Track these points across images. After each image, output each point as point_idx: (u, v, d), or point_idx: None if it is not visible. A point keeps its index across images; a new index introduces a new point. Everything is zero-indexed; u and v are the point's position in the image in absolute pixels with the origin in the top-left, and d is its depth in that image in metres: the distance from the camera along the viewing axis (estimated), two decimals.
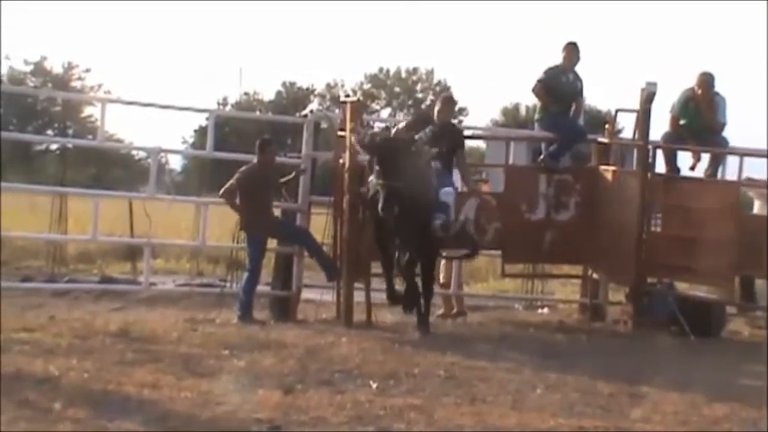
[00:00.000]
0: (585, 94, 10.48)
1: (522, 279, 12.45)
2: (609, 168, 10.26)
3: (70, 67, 46.23)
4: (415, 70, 51.73)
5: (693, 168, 10.31)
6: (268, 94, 48.95)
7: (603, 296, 10.67)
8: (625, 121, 11.83)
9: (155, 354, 7.11)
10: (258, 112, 42.15)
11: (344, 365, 7.03)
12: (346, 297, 9.38)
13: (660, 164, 10.13)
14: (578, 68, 10.32)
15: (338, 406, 5.77)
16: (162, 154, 13.81)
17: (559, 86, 10.16)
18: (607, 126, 10.88)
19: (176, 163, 40.72)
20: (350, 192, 9.24)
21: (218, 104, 43.43)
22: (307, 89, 50.07)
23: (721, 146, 10.19)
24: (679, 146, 10.24)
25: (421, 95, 51.07)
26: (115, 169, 39.61)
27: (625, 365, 7.56)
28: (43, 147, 40.05)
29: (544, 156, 10.25)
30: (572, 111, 10.29)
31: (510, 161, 10.52)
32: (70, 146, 24.78)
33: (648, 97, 9.75)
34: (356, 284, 9.45)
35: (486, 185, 11.50)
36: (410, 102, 50.15)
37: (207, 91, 55.90)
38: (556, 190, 10.16)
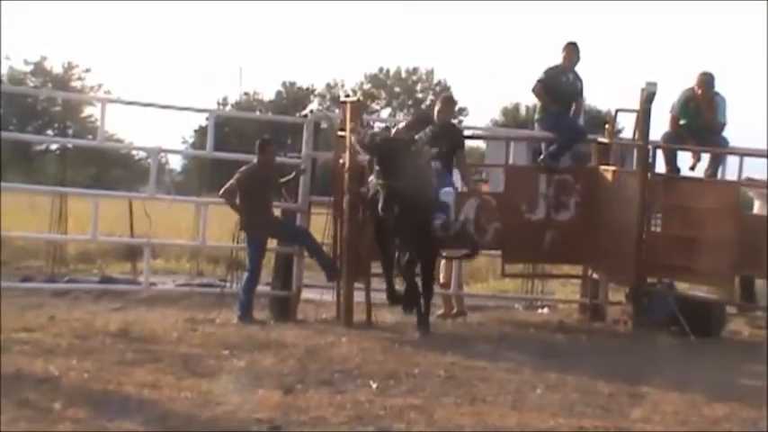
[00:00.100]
0: (585, 94, 10.50)
1: (522, 279, 12.45)
2: (609, 168, 10.26)
3: (70, 67, 46.29)
4: (415, 70, 51.76)
5: (693, 168, 10.31)
6: (268, 94, 49.00)
7: (603, 296, 10.67)
8: (625, 121, 11.85)
9: (155, 354, 7.11)
10: (258, 112, 42.15)
11: (344, 365, 7.03)
12: (346, 297, 9.38)
13: (660, 164, 10.14)
14: (578, 68, 10.33)
15: (338, 406, 5.77)
16: (162, 154, 13.81)
17: (559, 86, 10.16)
18: (607, 126, 10.88)
19: (176, 163, 40.77)
20: (350, 192, 9.24)
21: (218, 104, 43.48)
22: (307, 89, 50.09)
23: (721, 146, 10.19)
24: (679, 146, 10.24)
25: (421, 95, 51.07)
26: (115, 169, 39.61)
27: (625, 365, 7.56)
28: (43, 147, 40.07)
29: (544, 156, 10.25)
30: (572, 111, 10.29)
31: (510, 161, 10.52)
32: (70, 146, 24.78)
33: (648, 97, 9.75)
34: (356, 284, 9.45)
35: (486, 185, 11.50)
36: (410, 102, 50.16)
37: (207, 91, 55.95)
38: (556, 190, 10.16)
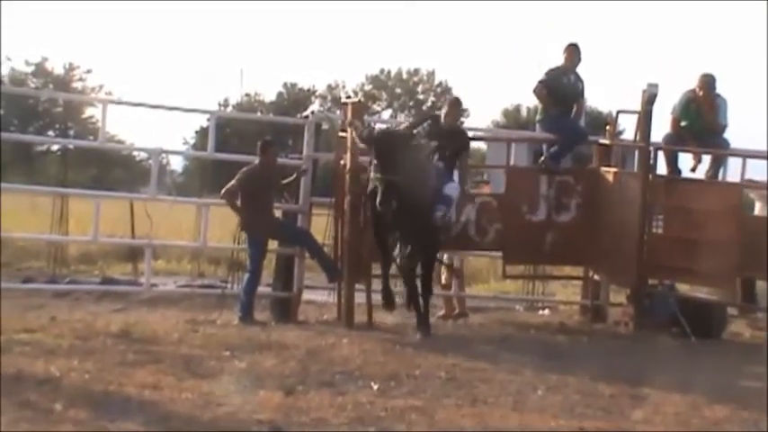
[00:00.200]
0: (587, 96, 10.48)
1: (523, 280, 12.48)
2: (610, 170, 10.26)
3: (71, 68, 46.28)
4: (417, 71, 51.79)
5: (694, 170, 10.29)
6: (269, 96, 49.03)
7: (604, 297, 10.67)
8: (626, 123, 11.82)
9: (156, 355, 7.11)
10: (259, 114, 42.19)
11: (345, 367, 7.03)
12: (347, 298, 9.38)
13: (661, 165, 10.13)
14: (580, 70, 10.32)
15: (339, 407, 5.77)
16: (163, 155, 13.86)
17: (561, 87, 10.15)
18: (608, 127, 10.87)
19: (177, 164, 40.86)
20: (351, 193, 9.24)
21: (219, 105, 43.45)
22: (308, 90, 50.11)
23: (722, 147, 10.18)
24: (680, 147, 10.24)
25: (422, 97, 51.12)
26: (116, 170, 39.65)
27: (626, 367, 7.56)
28: (44, 148, 40.13)
29: (545, 157, 10.24)
30: (573, 112, 10.29)
31: (511, 162, 10.51)
32: (71, 147, 24.78)
33: (650, 99, 9.74)
34: (357, 286, 9.45)
35: (487, 187, 11.50)
36: (411, 103, 50.18)
37: (208, 92, 55.99)
38: (557, 191, 10.14)
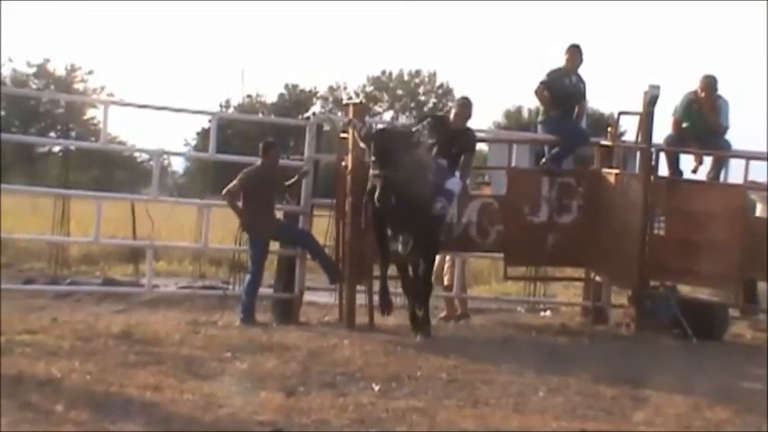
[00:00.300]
0: (588, 97, 10.48)
1: (525, 282, 12.48)
2: (611, 171, 10.25)
3: (73, 70, 46.39)
4: (418, 73, 51.84)
5: (695, 171, 10.29)
6: (271, 97, 49.10)
7: (606, 299, 10.66)
8: (628, 124, 11.83)
9: (157, 356, 7.11)
10: (261, 115, 42.23)
11: (347, 368, 7.03)
12: (349, 299, 9.38)
13: (663, 167, 10.13)
14: (581, 71, 10.32)
15: (340, 408, 5.77)
16: (164, 156, 13.85)
17: (562, 89, 10.14)
18: (610, 129, 10.87)
19: (179, 165, 40.85)
20: (352, 194, 9.24)
21: (220, 107, 43.60)
22: (309, 91, 50.16)
23: (724, 149, 10.18)
24: (682, 149, 10.24)
25: (423, 98, 51.14)
26: (118, 171, 39.69)
27: (628, 368, 7.55)
28: (46, 149, 40.22)
29: (547, 158, 10.23)
30: (575, 113, 10.28)
31: (512, 164, 10.50)
32: (73, 148, 24.70)
33: (651, 100, 9.74)
34: (358, 287, 9.45)
35: (488, 188, 11.49)
36: (412, 104, 50.21)
37: (209, 93, 56.03)
38: (558, 193, 10.13)
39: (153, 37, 70.12)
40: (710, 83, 10.17)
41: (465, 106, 9.46)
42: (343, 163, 9.56)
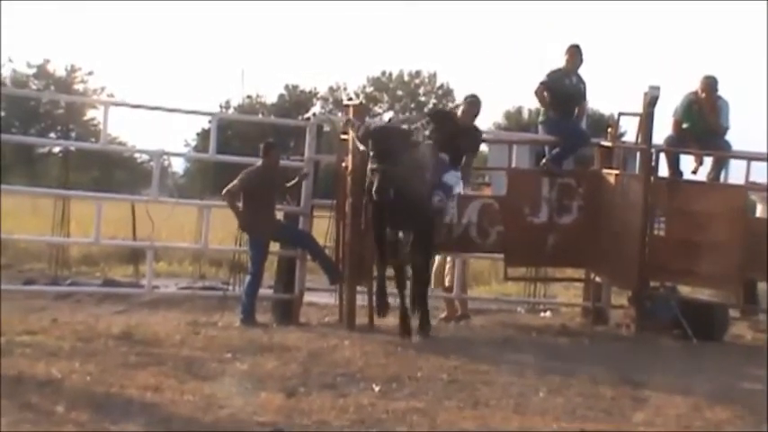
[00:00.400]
0: (588, 98, 10.47)
1: (525, 282, 12.49)
2: (612, 172, 10.25)
3: (73, 70, 46.41)
4: (418, 73, 51.88)
5: (696, 172, 10.29)
6: (271, 97, 49.13)
7: (606, 299, 10.66)
8: (628, 125, 11.83)
9: (157, 357, 7.11)
10: (261, 116, 42.26)
11: (347, 369, 7.03)
12: (349, 300, 9.37)
13: (663, 167, 10.14)
14: (581, 71, 10.31)
15: (341, 409, 5.77)
16: (165, 157, 13.84)
17: (562, 89, 10.13)
18: (610, 129, 10.87)
19: (179, 166, 40.88)
20: (352, 195, 9.24)
21: (220, 107, 43.61)
22: (309, 92, 50.20)
23: (724, 150, 10.18)
24: (682, 149, 10.24)
25: (423, 99, 51.14)
26: (118, 172, 39.71)
27: (628, 369, 7.54)
28: (46, 150, 40.24)
29: (547, 159, 10.23)
30: (575, 114, 10.28)
31: (513, 164, 10.51)
32: (73, 149, 24.74)
33: (651, 101, 9.74)
34: (359, 288, 9.45)
35: (488, 189, 11.49)
36: (413, 105, 50.20)
37: (209, 94, 56.02)
38: (558, 193, 10.13)
39: (153, 37, 70.27)
40: (711, 83, 10.17)
41: (473, 104, 9.46)
42: (343, 164, 9.56)
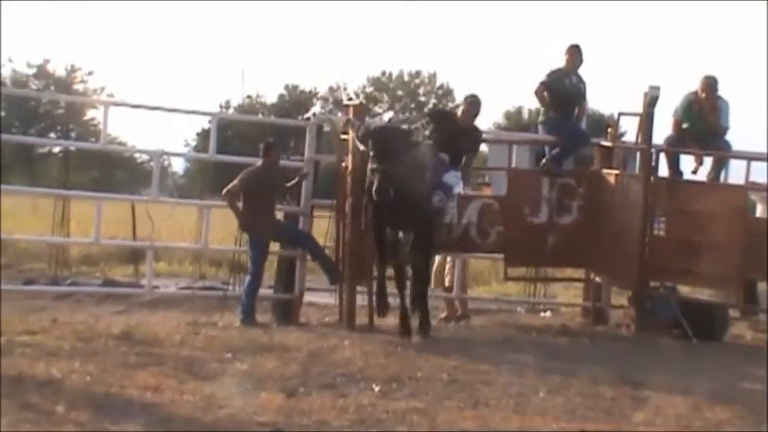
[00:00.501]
0: (588, 98, 10.47)
1: (525, 282, 12.49)
2: (612, 172, 10.25)
3: (73, 70, 46.41)
4: (418, 73, 51.88)
5: (695, 172, 10.29)
6: (271, 97, 49.14)
7: (606, 299, 10.66)
8: (628, 125, 11.83)
9: (157, 357, 7.11)
10: (261, 116, 42.27)
11: (347, 369, 7.03)
12: (349, 300, 9.37)
13: (663, 167, 10.14)
14: (581, 71, 10.31)
15: (341, 409, 5.77)
16: (165, 157, 13.84)
17: (562, 89, 10.13)
18: (610, 129, 10.87)
19: (179, 166, 40.89)
20: (352, 195, 9.24)
21: (220, 107, 43.65)
22: (309, 92, 50.21)
23: (724, 150, 10.18)
24: (682, 149, 10.24)
25: (423, 99, 51.15)
26: (118, 172, 39.72)
27: (628, 369, 7.54)
28: (46, 150, 40.25)
29: (547, 159, 10.23)
30: (575, 114, 10.28)
31: (513, 164, 10.51)
32: (73, 149, 24.75)
33: (651, 101, 9.74)
34: (359, 288, 9.45)
35: (488, 189, 11.49)
36: (412, 105, 50.20)
37: (209, 94, 56.01)
38: (558, 193, 10.13)
39: (153, 37, 70.28)
40: (711, 84, 10.17)
41: (473, 104, 9.46)
42: (343, 164, 9.56)
